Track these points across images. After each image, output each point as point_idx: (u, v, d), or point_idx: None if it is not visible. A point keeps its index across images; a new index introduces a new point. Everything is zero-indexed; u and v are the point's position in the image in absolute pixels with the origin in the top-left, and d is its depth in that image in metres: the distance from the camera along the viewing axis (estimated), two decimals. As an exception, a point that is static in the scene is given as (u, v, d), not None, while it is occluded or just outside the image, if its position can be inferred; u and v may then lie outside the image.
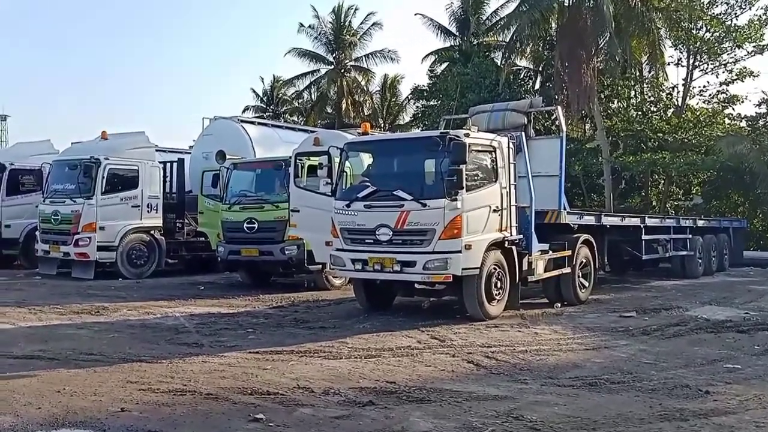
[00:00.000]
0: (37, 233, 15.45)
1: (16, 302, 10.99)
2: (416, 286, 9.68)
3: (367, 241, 9.21)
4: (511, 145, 9.88)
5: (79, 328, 8.75)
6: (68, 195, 14.82)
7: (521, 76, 30.16)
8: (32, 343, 7.69)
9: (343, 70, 39.10)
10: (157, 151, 16.17)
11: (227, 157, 14.38)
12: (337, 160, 10.15)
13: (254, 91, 48.30)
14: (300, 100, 45.61)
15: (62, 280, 14.31)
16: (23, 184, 16.80)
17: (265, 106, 48.24)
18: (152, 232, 15.41)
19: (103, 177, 14.63)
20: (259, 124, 18.15)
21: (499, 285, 9.47)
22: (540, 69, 29.96)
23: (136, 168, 15.16)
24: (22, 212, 16.54)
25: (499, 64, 28.92)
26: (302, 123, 40.50)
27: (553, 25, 25.76)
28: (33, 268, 15.92)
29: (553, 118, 22.22)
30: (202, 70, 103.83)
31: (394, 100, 41.97)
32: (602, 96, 26.22)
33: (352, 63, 39.84)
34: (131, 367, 6.55)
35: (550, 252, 10.66)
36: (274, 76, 48.36)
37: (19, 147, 18.49)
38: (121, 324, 9.13)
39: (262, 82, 48.52)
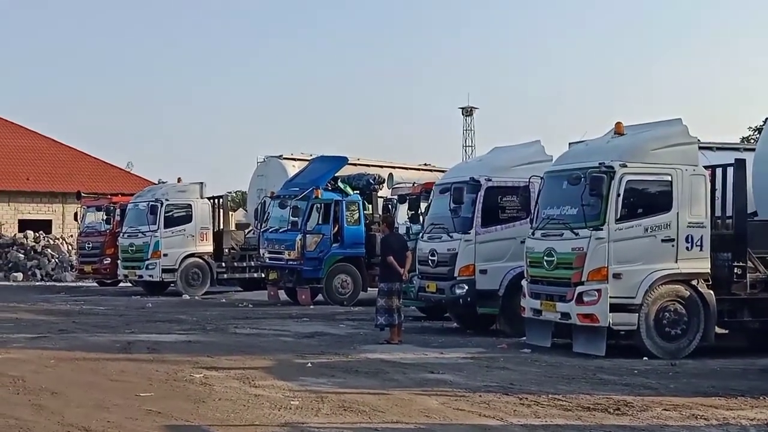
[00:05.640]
0: (523, 283, 17.46)
1: (501, 387, 12.72)
2: None
3: None
4: None
5: (595, 434, 9.85)
6: (568, 224, 16.29)
7: None
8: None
9: None
10: (699, 148, 16.77)
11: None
12: None
13: None
14: None
15: (560, 356, 15.95)
16: (504, 208, 19.35)
17: None
18: (693, 281, 15.99)
19: (618, 195, 15.68)
20: None
21: None
22: None
23: (669, 179, 15.96)
24: (504, 251, 19.12)
25: None
26: None
27: None
28: (517, 336, 18.12)
29: None
30: None
31: None
32: None
33: None
34: None
35: None
36: None
37: (497, 154, 21.14)
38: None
39: None
